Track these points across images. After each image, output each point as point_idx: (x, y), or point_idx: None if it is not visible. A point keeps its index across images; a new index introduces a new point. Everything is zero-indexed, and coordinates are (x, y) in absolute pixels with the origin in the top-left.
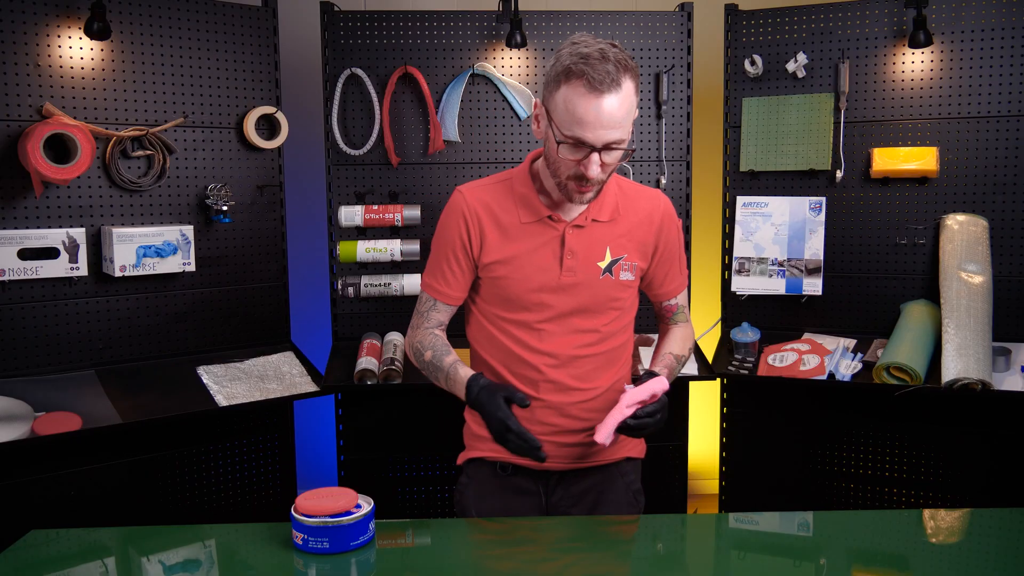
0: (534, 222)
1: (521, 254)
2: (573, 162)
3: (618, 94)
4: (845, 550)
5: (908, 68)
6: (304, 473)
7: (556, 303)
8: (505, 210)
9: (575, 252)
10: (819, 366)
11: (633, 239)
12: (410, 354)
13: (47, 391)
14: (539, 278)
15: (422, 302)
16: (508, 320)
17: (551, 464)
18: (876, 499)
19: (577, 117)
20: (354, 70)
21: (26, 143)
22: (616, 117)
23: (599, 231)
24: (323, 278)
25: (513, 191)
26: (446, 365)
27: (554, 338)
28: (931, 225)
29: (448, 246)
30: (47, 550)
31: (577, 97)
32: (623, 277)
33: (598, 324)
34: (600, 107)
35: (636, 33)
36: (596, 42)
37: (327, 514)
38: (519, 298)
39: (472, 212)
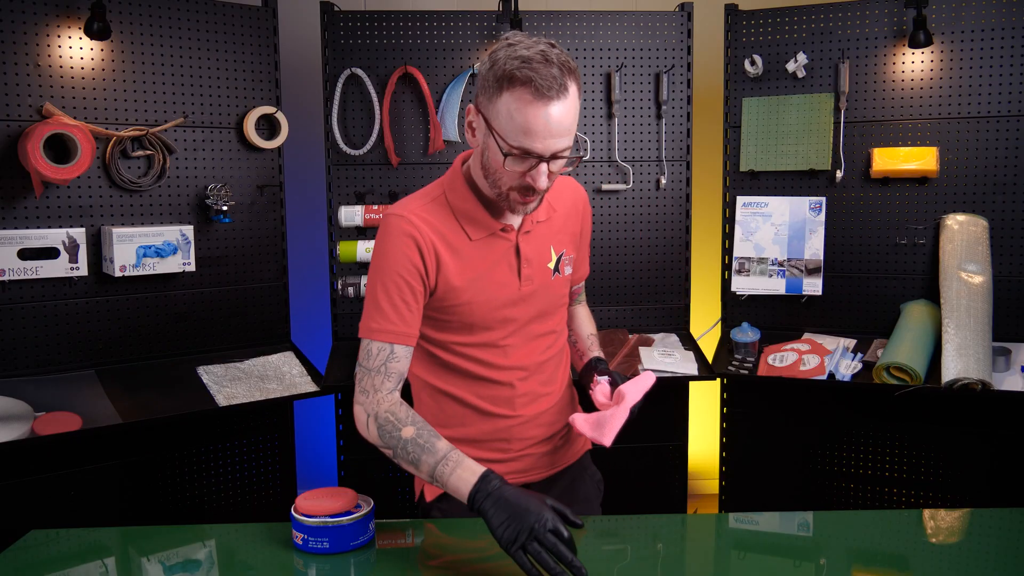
0: (485, 237)
1: (480, 275)
2: (519, 173)
3: (565, 100)
4: (845, 550)
5: (908, 68)
6: (304, 473)
7: (518, 315)
8: (452, 230)
9: (530, 259)
10: (819, 366)
11: (566, 231)
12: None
13: (47, 391)
14: (501, 295)
15: (373, 355)
16: (470, 344)
17: (531, 476)
18: (876, 499)
19: (524, 127)
20: (354, 70)
21: (26, 143)
22: (564, 124)
23: (542, 232)
24: (323, 278)
25: (452, 207)
26: (442, 447)
27: (518, 350)
28: (931, 225)
29: (400, 279)
30: (47, 550)
31: (523, 105)
32: (567, 272)
33: (552, 325)
34: (549, 115)
35: (636, 33)
36: (534, 42)
37: (327, 514)
38: (483, 320)
39: (425, 238)
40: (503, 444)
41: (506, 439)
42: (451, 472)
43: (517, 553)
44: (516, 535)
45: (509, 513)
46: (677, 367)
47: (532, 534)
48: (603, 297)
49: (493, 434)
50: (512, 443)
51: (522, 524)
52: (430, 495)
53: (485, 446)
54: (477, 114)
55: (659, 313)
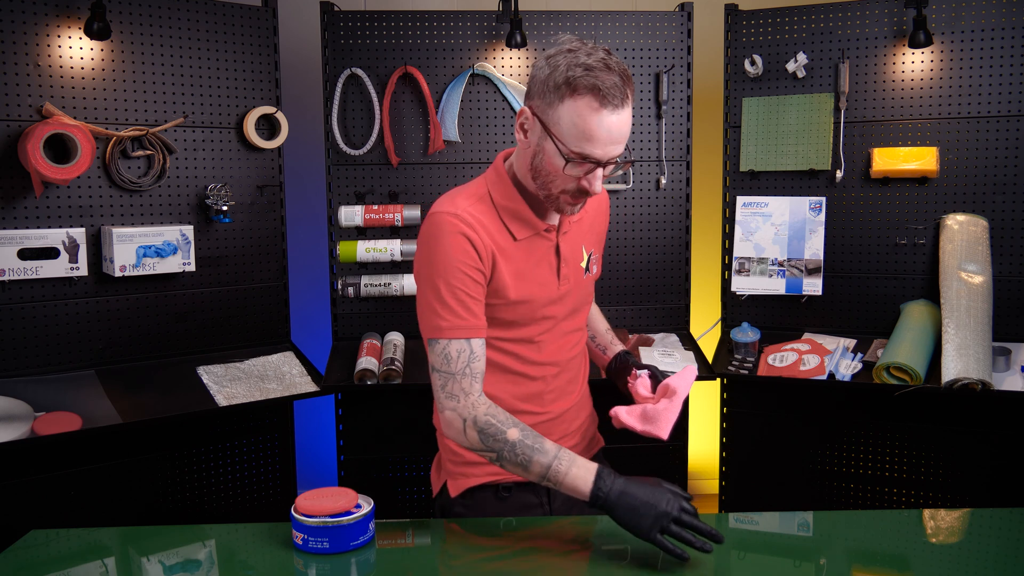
0: (528, 237)
1: (524, 274)
2: (574, 178)
3: (626, 108)
4: (845, 550)
5: (908, 68)
6: (304, 473)
7: (557, 313)
8: (498, 230)
9: (567, 260)
10: (819, 366)
11: (594, 231)
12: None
13: (47, 391)
14: (543, 295)
15: (452, 359)
16: (507, 340)
17: None
18: (876, 499)
19: (588, 134)
20: (354, 70)
21: (26, 143)
22: (624, 131)
23: (576, 232)
24: (323, 278)
25: (497, 206)
26: (550, 447)
27: (551, 347)
28: (931, 225)
29: (460, 273)
30: (47, 550)
31: (588, 112)
32: (594, 271)
33: (580, 322)
34: (611, 123)
35: (636, 33)
36: (593, 49)
37: (327, 514)
38: (525, 318)
39: (479, 235)
40: None
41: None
42: (567, 471)
43: (658, 538)
44: (653, 522)
45: (638, 504)
46: (677, 367)
47: (669, 518)
48: (603, 297)
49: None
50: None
51: (656, 511)
52: (454, 491)
53: None
54: (533, 118)
55: (659, 313)
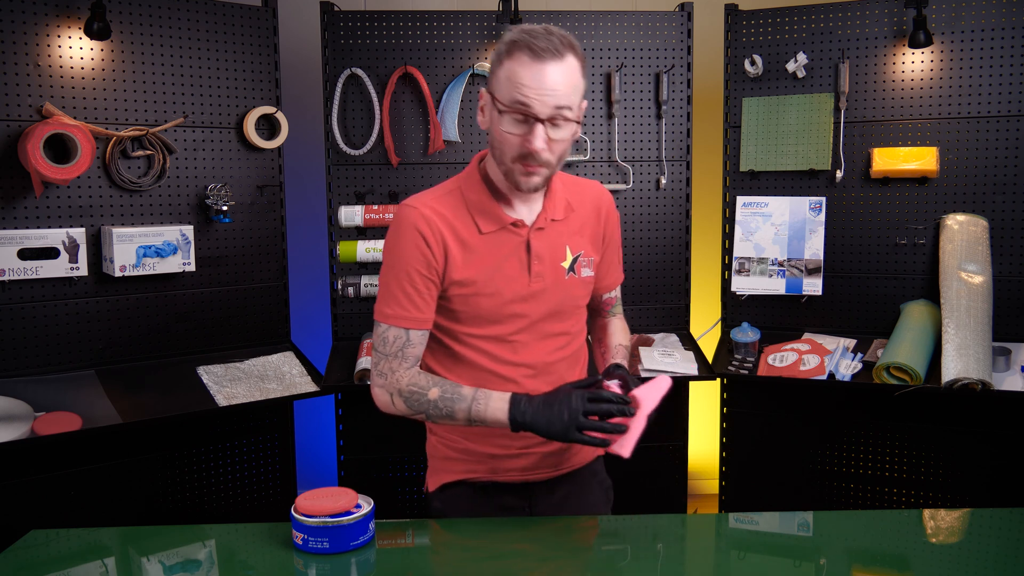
0: (496, 231)
1: (488, 268)
2: (518, 138)
3: (561, 63)
4: (845, 550)
5: (908, 68)
6: (304, 473)
7: (529, 311)
8: (463, 222)
9: (541, 257)
10: (819, 366)
11: (586, 234)
12: (396, 404)
13: (47, 391)
14: (510, 290)
15: (390, 341)
16: (479, 336)
17: (534, 475)
18: (876, 499)
19: (518, 83)
20: (354, 70)
21: (26, 143)
22: (560, 85)
23: (558, 231)
24: (323, 278)
25: (466, 200)
26: (467, 392)
27: (528, 348)
28: (931, 225)
29: (409, 266)
30: (47, 550)
31: (520, 66)
32: (584, 274)
33: (567, 326)
34: (544, 72)
35: (636, 33)
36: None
37: (327, 514)
38: (492, 313)
39: (433, 228)
40: (505, 440)
41: (505, 436)
42: (485, 409)
43: (578, 436)
44: (565, 428)
45: (551, 415)
46: (677, 367)
47: (578, 415)
48: None
49: (491, 431)
50: (514, 440)
51: (564, 418)
52: (431, 485)
53: (488, 441)
54: (485, 95)
55: (659, 313)
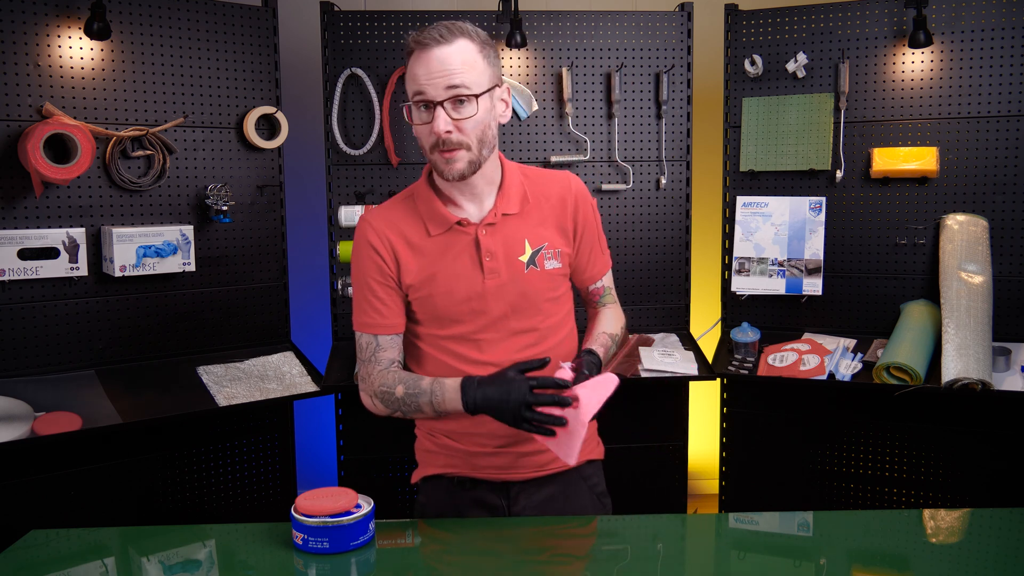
0: (444, 232)
1: (439, 269)
2: (427, 127)
3: (448, 46)
4: (845, 550)
5: (908, 68)
6: (304, 473)
7: (487, 308)
8: (413, 227)
9: (493, 252)
10: (819, 366)
11: (550, 226)
12: (377, 406)
13: (47, 391)
14: (463, 288)
15: (363, 348)
16: (444, 337)
17: (513, 475)
18: (876, 499)
19: (414, 75)
20: (354, 70)
21: (26, 143)
22: (448, 63)
23: (513, 225)
24: (323, 278)
25: (417, 207)
26: (426, 385)
27: (493, 346)
28: (931, 225)
29: (367, 276)
30: (47, 550)
31: (412, 60)
32: (549, 267)
33: (534, 322)
34: (431, 57)
35: (636, 33)
36: None
37: (327, 514)
38: (449, 312)
39: (381, 236)
40: (480, 439)
41: (482, 434)
42: (443, 400)
43: (525, 427)
44: (514, 416)
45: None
46: (677, 367)
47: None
48: None
49: (470, 427)
50: (489, 439)
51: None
52: (414, 477)
53: (464, 439)
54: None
55: (659, 313)
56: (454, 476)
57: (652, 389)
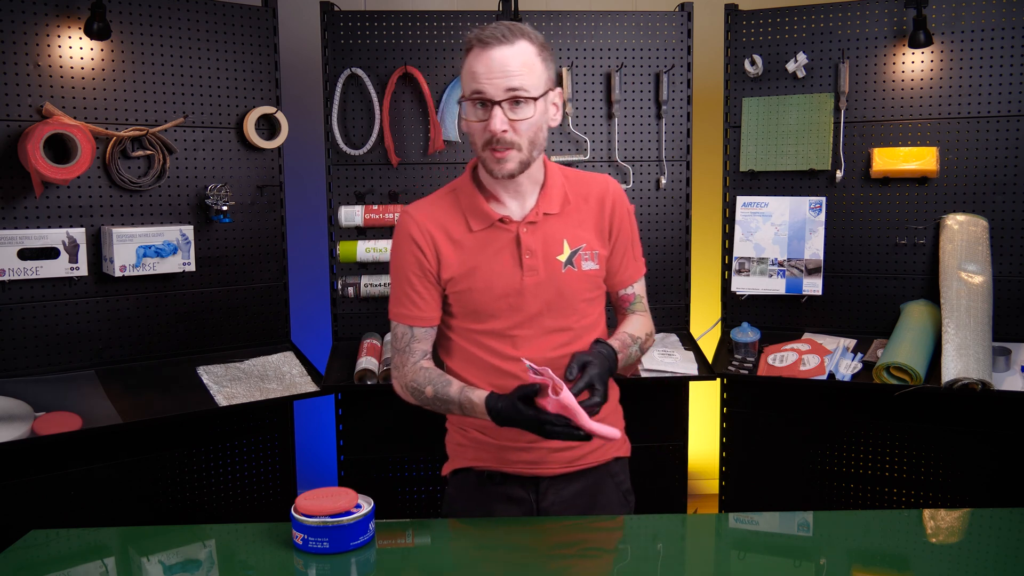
0: (486, 228)
1: (480, 264)
2: (481, 125)
3: (510, 47)
4: (845, 550)
5: (908, 68)
6: (304, 473)
7: (523, 305)
8: (454, 222)
9: (533, 250)
10: (819, 366)
11: (589, 227)
12: (406, 396)
13: (47, 391)
14: (502, 284)
15: (398, 337)
16: (480, 332)
17: (541, 470)
18: (876, 499)
19: (473, 72)
20: (354, 70)
21: (26, 143)
22: (509, 65)
23: (553, 225)
24: (323, 278)
25: (459, 202)
26: (455, 395)
27: (528, 343)
28: (931, 225)
29: (407, 269)
30: (47, 550)
31: (472, 57)
32: (586, 267)
33: (569, 322)
34: (491, 57)
35: (636, 33)
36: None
37: (327, 514)
38: (486, 307)
39: (423, 230)
40: (512, 434)
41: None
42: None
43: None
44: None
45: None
46: (677, 367)
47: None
48: None
49: None
50: (520, 434)
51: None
52: (445, 470)
53: (495, 433)
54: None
55: (659, 313)
56: (483, 470)
57: (652, 389)
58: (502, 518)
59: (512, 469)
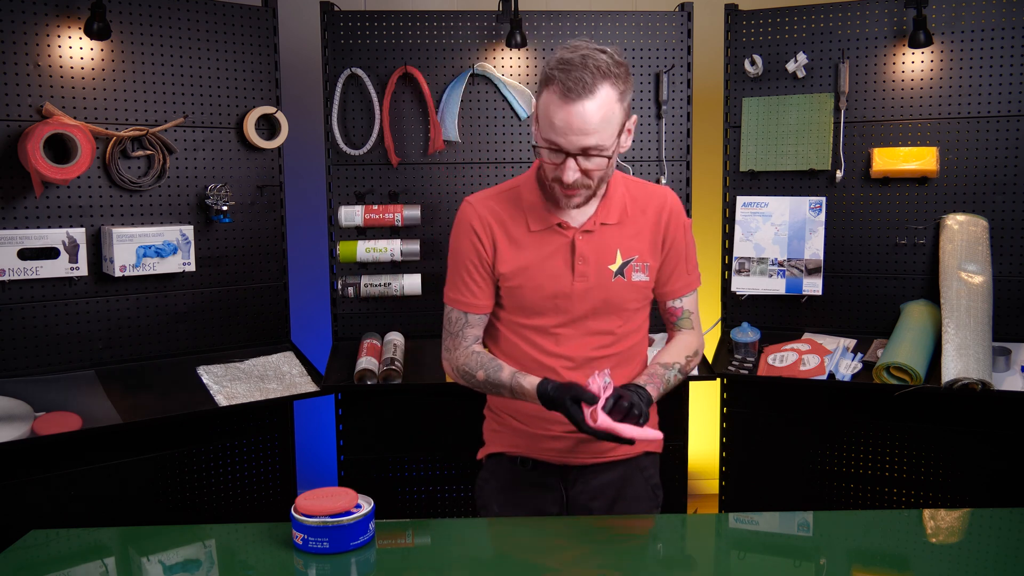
0: (543, 230)
1: (533, 263)
2: (552, 166)
3: (591, 100)
4: (845, 550)
5: (908, 68)
6: (304, 473)
7: (570, 308)
8: (514, 219)
9: (586, 257)
10: (819, 366)
11: (643, 239)
12: (457, 378)
13: (47, 391)
14: (552, 285)
15: (452, 321)
16: (525, 326)
17: (573, 459)
18: (876, 499)
19: (551, 122)
20: (354, 70)
21: (26, 143)
22: (589, 123)
23: (608, 234)
24: (323, 278)
25: (521, 199)
26: (506, 380)
27: (570, 341)
28: (931, 225)
29: (465, 258)
30: (47, 550)
31: (551, 104)
32: (635, 278)
33: (612, 326)
34: (570, 113)
35: (636, 33)
36: (584, 47)
37: (327, 514)
38: (534, 304)
39: (483, 222)
40: (544, 424)
41: (548, 419)
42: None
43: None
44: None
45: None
46: None
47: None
48: None
49: (536, 412)
50: (553, 425)
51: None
52: (480, 454)
53: (529, 421)
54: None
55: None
56: (516, 456)
57: None
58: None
59: (544, 456)
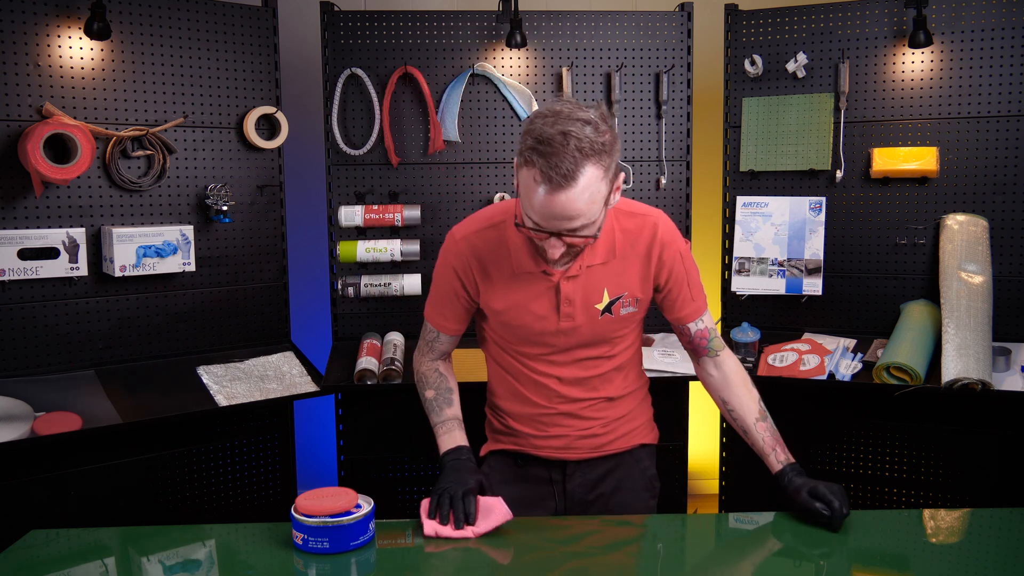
0: (527, 273)
1: (519, 303)
2: (538, 238)
3: (574, 188)
4: (845, 550)
5: (908, 68)
6: (304, 473)
7: (558, 342)
8: (498, 262)
9: (572, 300)
10: (819, 366)
11: (631, 276)
12: (415, 377)
13: (47, 391)
14: (538, 325)
15: (427, 330)
16: (517, 350)
17: (568, 454)
18: (876, 499)
19: (533, 206)
20: (354, 70)
21: (26, 143)
22: (573, 209)
23: (595, 275)
24: (323, 278)
25: (506, 238)
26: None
27: (563, 366)
28: (931, 225)
29: (446, 286)
30: (47, 550)
31: (534, 187)
32: (624, 312)
33: (602, 351)
34: (552, 202)
35: (636, 33)
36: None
37: (327, 514)
38: (523, 338)
39: (465, 266)
40: (539, 425)
41: (542, 422)
42: (440, 435)
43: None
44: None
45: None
46: (677, 367)
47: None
48: None
49: (533, 416)
50: (549, 427)
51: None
52: (482, 452)
53: (523, 421)
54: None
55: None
56: (515, 452)
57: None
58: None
59: (541, 453)
